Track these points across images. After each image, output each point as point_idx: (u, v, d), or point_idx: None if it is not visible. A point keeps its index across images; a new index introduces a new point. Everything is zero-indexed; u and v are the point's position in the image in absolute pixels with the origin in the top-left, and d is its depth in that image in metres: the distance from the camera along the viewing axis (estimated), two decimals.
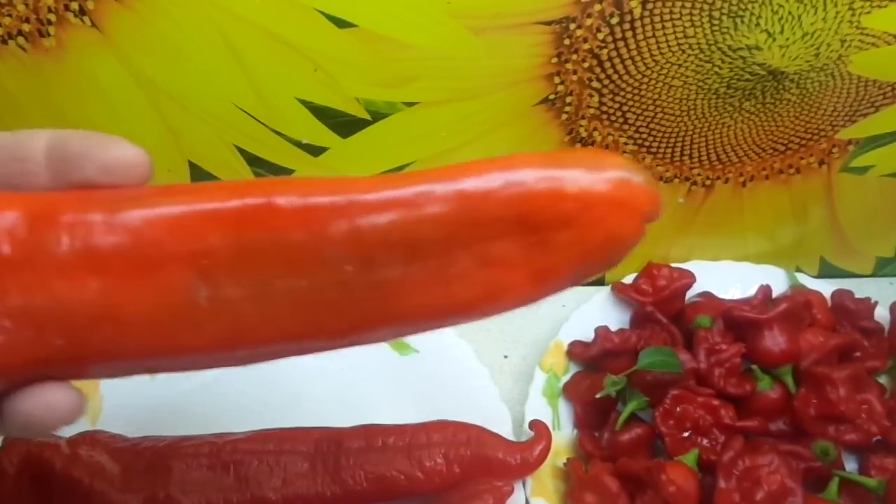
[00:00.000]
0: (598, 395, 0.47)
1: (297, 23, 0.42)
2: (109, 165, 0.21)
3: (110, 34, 0.42)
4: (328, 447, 0.45)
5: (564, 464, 0.46)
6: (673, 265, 0.55)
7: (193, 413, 0.50)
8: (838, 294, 0.55)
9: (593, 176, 0.20)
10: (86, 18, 0.41)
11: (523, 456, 0.45)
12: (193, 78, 0.45)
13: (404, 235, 0.20)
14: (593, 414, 0.49)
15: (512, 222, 0.20)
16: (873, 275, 0.63)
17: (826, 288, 0.55)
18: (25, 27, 0.41)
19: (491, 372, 0.52)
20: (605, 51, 0.44)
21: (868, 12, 0.44)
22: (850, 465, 0.47)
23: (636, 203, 0.20)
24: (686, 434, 0.46)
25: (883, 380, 0.52)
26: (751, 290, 0.55)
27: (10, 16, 0.41)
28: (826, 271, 0.61)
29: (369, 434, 0.45)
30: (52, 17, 0.41)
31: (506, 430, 0.47)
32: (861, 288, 0.55)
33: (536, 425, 0.46)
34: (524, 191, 0.20)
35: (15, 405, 0.20)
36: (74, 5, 0.41)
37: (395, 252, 0.20)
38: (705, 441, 0.46)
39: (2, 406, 0.21)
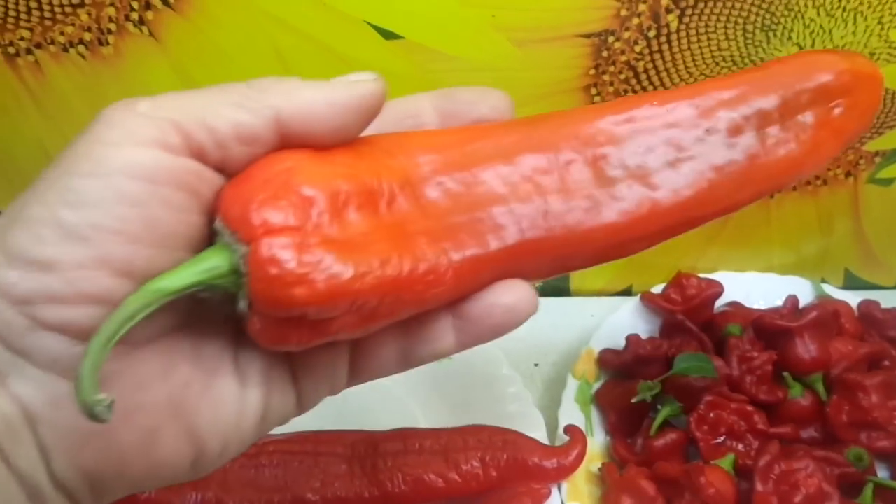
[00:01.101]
0: (633, 400, 0.47)
1: (346, 34, 0.43)
2: (497, 105, 0.25)
3: (166, 43, 0.44)
4: (365, 449, 0.45)
5: (599, 469, 0.47)
6: (700, 276, 0.56)
7: None
8: (865, 304, 0.55)
9: (852, 59, 0.27)
10: (144, 28, 0.43)
11: (559, 460, 0.45)
12: None
13: (758, 113, 0.26)
14: (626, 420, 0.50)
15: (818, 93, 0.27)
16: None
17: (852, 299, 0.56)
18: (87, 36, 0.43)
19: (522, 380, 0.52)
20: (641, 63, 0.46)
21: None
22: (882, 473, 0.47)
23: (879, 75, 0.28)
24: (720, 439, 0.46)
25: None
26: (776, 301, 0.56)
27: (73, 25, 0.42)
28: (851, 283, 0.62)
29: (405, 437, 0.46)
30: (113, 26, 0.43)
31: (540, 435, 0.48)
32: (886, 299, 0.56)
33: (571, 430, 0.46)
34: (822, 71, 0.27)
35: (489, 302, 0.23)
36: (135, 15, 0.42)
37: (750, 125, 0.26)
38: (740, 446, 0.46)
39: (464, 313, 0.23)
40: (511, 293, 0.23)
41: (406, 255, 0.21)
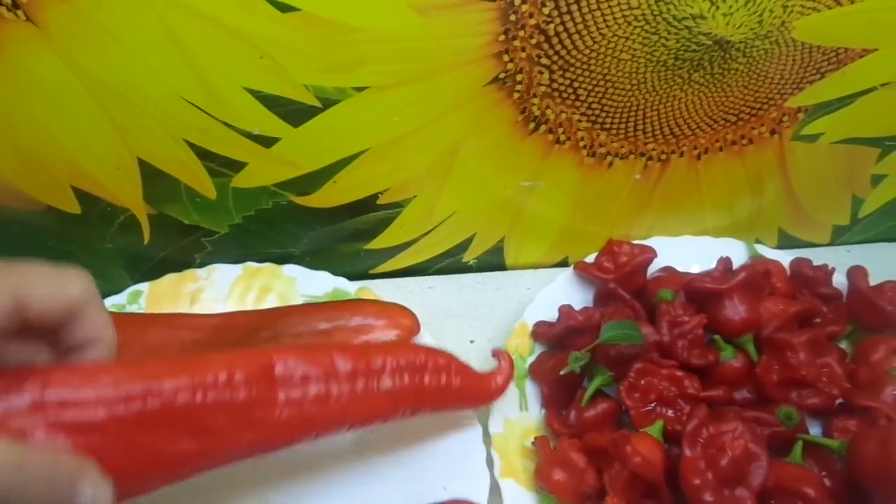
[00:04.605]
0: (562, 372, 0.47)
1: (240, 8, 0.41)
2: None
3: (48, 28, 0.41)
4: None
5: (532, 443, 0.46)
6: (634, 242, 0.55)
7: None
8: (796, 262, 0.55)
9: None
10: (20, 13, 0.40)
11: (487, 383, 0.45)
12: (137, 71, 0.44)
13: None
14: (560, 393, 0.49)
15: None
16: (831, 244, 0.64)
17: (785, 258, 0.56)
18: None
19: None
20: (551, 26, 0.44)
21: None
22: (815, 430, 0.47)
23: None
24: (651, 406, 0.46)
25: (843, 345, 0.52)
26: (712, 264, 0.56)
27: None
28: (785, 242, 0.62)
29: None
30: None
31: (470, 419, 0.47)
32: (819, 257, 0.56)
33: (498, 353, 0.46)
34: None
35: None
36: None
37: None
38: (670, 412, 0.46)
39: None
40: None
41: None
